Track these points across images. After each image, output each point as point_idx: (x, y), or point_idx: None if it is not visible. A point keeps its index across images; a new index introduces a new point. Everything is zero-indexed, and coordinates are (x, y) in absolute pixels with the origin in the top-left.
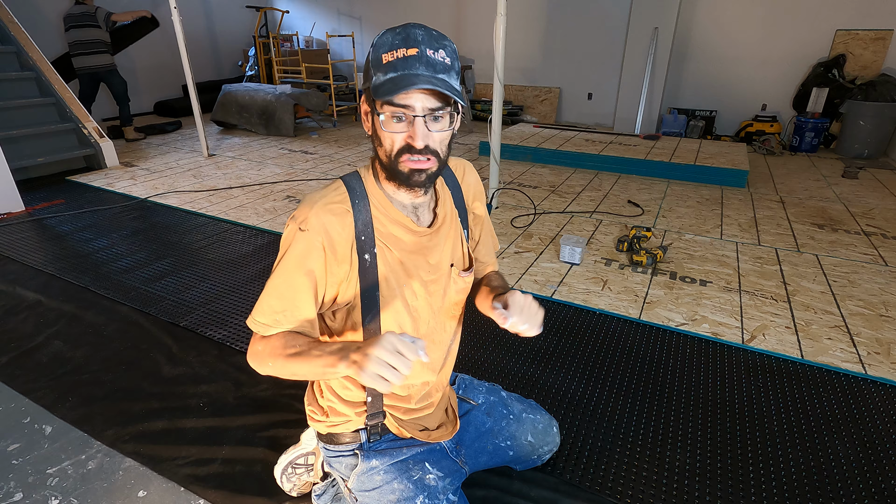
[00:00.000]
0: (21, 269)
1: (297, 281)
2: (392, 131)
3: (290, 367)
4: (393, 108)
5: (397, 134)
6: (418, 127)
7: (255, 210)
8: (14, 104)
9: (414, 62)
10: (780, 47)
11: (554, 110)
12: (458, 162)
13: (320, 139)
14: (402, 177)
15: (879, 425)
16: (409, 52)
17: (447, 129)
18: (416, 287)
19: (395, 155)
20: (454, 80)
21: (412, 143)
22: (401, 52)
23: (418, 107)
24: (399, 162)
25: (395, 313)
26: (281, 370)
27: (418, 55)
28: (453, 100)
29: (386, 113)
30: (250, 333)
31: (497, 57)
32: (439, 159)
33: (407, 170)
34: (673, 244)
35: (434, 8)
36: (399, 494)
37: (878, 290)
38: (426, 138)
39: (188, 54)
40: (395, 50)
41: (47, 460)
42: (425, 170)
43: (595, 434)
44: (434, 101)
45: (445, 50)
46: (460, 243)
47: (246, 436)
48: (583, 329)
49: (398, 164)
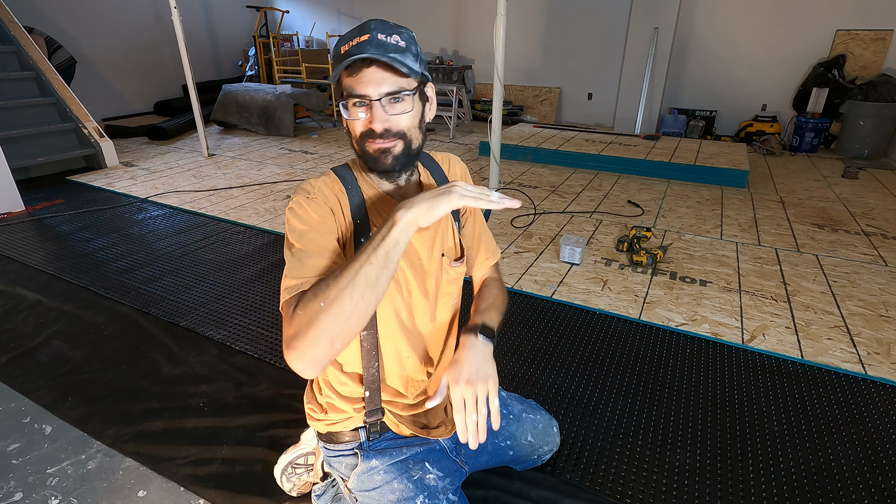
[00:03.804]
0: (21, 269)
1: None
2: (354, 118)
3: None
4: (353, 99)
5: (358, 120)
6: (376, 110)
7: (255, 210)
8: (14, 104)
9: (365, 45)
10: (780, 47)
11: (554, 110)
12: (445, 156)
13: (320, 139)
14: (371, 160)
15: (879, 425)
16: (362, 39)
17: (409, 110)
18: (408, 273)
19: (359, 140)
20: (409, 60)
21: (372, 127)
22: (354, 41)
23: (373, 93)
24: (365, 145)
25: (390, 297)
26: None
27: (369, 39)
28: (418, 82)
29: (349, 104)
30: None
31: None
32: (405, 140)
33: (373, 151)
34: (673, 244)
35: (434, 8)
36: (399, 494)
37: (878, 290)
38: (385, 122)
39: (188, 54)
40: (351, 40)
41: (47, 460)
42: (389, 149)
43: (595, 434)
44: (389, 85)
45: (401, 35)
46: (450, 234)
47: (246, 436)
48: (583, 329)
49: (364, 147)
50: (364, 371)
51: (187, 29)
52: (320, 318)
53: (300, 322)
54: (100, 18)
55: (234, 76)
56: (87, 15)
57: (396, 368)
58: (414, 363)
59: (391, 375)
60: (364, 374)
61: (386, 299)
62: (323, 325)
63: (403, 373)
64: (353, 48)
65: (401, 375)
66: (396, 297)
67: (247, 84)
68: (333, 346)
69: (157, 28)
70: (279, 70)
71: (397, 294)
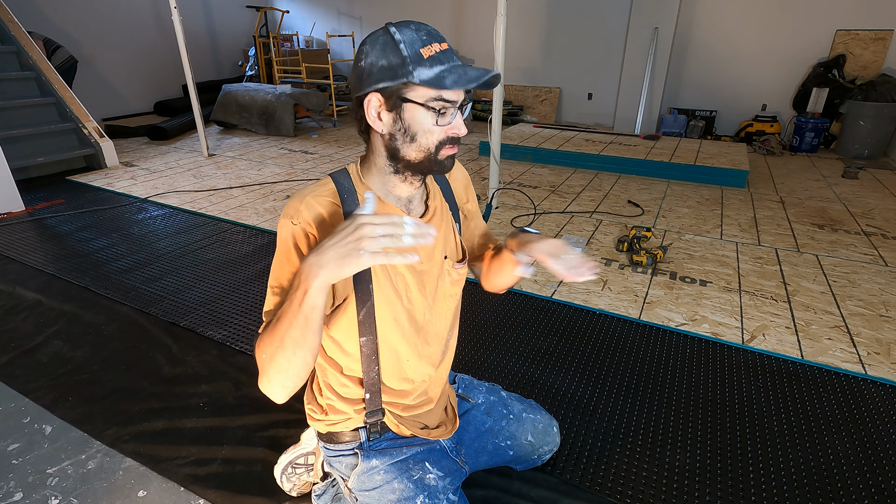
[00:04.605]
0: (21, 269)
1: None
2: (441, 125)
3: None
4: (442, 103)
5: (440, 127)
6: (460, 118)
7: (255, 210)
8: (14, 104)
9: (451, 55)
10: (780, 47)
11: (554, 110)
12: None
13: (320, 139)
14: (439, 165)
15: (879, 425)
16: (443, 47)
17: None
18: (408, 278)
19: (437, 146)
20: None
21: (458, 133)
22: (436, 47)
23: (457, 99)
24: (441, 151)
25: (389, 304)
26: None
27: (450, 49)
28: None
29: (434, 107)
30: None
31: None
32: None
33: (445, 157)
34: (673, 244)
35: (434, 8)
36: (399, 494)
37: (878, 290)
38: (466, 128)
39: (188, 54)
40: (430, 44)
41: (47, 460)
42: (455, 154)
43: (595, 434)
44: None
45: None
46: (452, 235)
47: (246, 436)
48: (583, 329)
49: (439, 153)
50: (364, 375)
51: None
52: (266, 369)
53: (259, 364)
54: (100, 18)
55: (234, 76)
56: (88, 15)
57: (397, 370)
58: (415, 365)
59: (392, 377)
60: (364, 378)
61: (385, 308)
62: (269, 373)
63: (404, 374)
64: (442, 55)
65: (402, 377)
66: (396, 305)
67: (247, 84)
68: (286, 387)
69: (157, 28)
70: (279, 70)
71: (397, 301)
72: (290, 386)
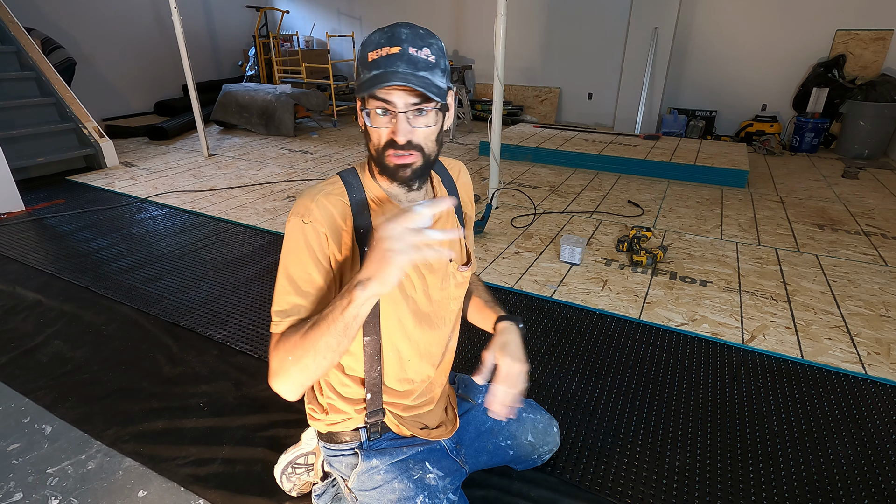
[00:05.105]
0: (21, 269)
1: (308, 266)
2: (377, 126)
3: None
4: (377, 103)
5: (382, 129)
6: (400, 123)
7: (255, 210)
8: (14, 104)
9: (395, 60)
10: (780, 47)
11: (554, 110)
12: (454, 163)
13: (320, 139)
14: (390, 171)
15: (879, 425)
16: (392, 51)
17: (431, 124)
18: (414, 279)
19: (381, 149)
20: (438, 78)
21: (395, 139)
22: (384, 51)
23: (400, 103)
24: (385, 156)
25: (394, 304)
26: (304, 358)
27: (400, 53)
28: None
29: (371, 108)
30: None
31: (497, 57)
32: (423, 154)
33: (392, 164)
34: (673, 244)
35: (434, 8)
36: (399, 494)
37: (878, 290)
38: (408, 134)
39: (188, 54)
40: (380, 48)
41: (47, 460)
42: (409, 164)
43: (595, 434)
44: (415, 97)
45: (430, 48)
46: (457, 239)
47: (246, 436)
48: (583, 329)
49: (384, 158)
50: (366, 374)
51: (187, 29)
52: (289, 370)
53: (276, 365)
54: (100, 18)
55: (234, 76)
56: (88, 15)
57: (398, 371)
58: (416, 366)
59: (393, 378)
60: (366, 378)
61: (390, 308)
62: (291, 374)
63: (405, 375)
64: (383, 60)
65: (403, 378)
66: (401, 306)
67: (247, 84)
68: (304, 385)
69: (157, 28)
70: (279, 70)
71: (402, 302)
72: (306, 385)
